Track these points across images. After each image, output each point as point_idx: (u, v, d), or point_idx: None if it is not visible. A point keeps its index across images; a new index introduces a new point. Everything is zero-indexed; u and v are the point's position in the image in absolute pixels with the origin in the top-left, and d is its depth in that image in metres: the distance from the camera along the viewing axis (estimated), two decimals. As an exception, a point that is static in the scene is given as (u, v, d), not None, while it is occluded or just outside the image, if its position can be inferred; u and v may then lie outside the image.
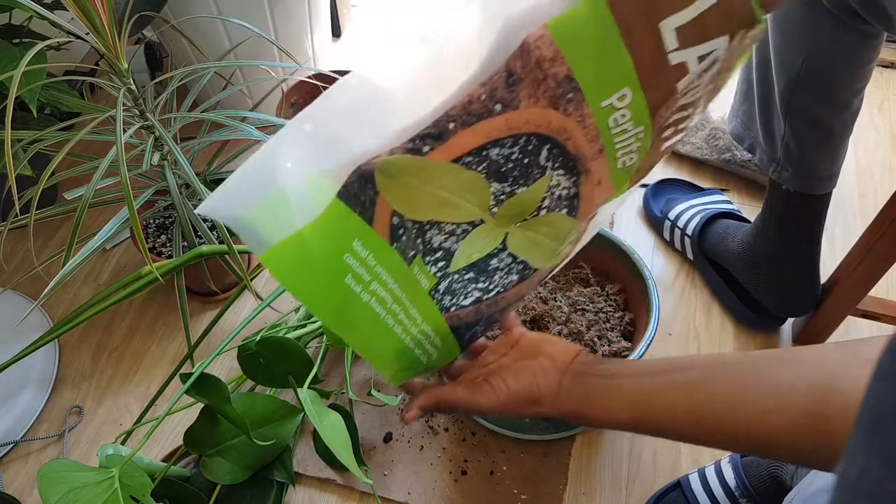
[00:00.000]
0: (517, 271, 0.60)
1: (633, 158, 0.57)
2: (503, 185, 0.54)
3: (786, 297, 0.96)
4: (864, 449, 0.23)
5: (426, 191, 0.51)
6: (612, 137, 0.54)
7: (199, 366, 0.75)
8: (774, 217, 0.93)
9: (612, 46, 0.49)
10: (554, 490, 0.89)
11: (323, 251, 0.47)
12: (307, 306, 0.52)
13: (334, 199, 0.46)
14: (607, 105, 0.52)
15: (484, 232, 0.56)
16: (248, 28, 0.94)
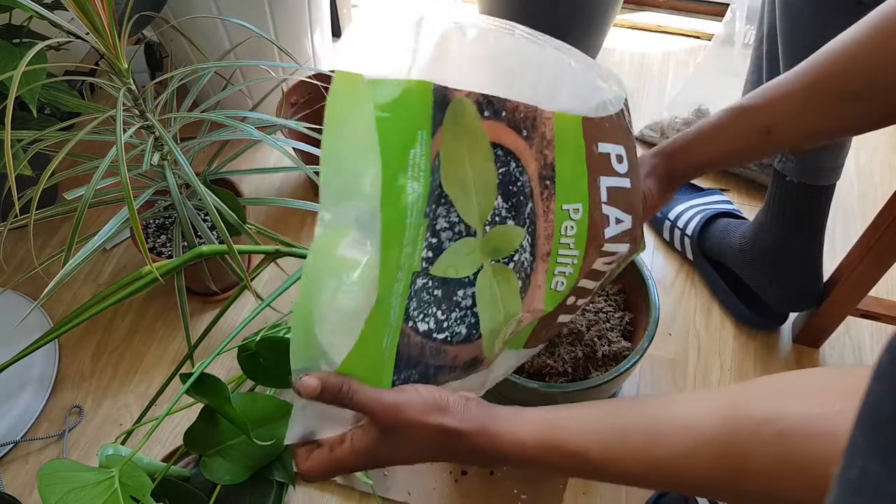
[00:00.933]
0: (467, 326, 0.58)
1: (563, 284, 0.63)
2: (504, 204, 0.57)
3: (788, 290, 0.96)
4: (864, 449, 0.23)
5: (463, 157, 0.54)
6: (559, 247, 0.62)
7: (199, 366, 0.75)
8: (777, 209, 0.93)
9: (580, 165, 0.62)
10: (554, 490, 0.89)
11: (407, 109, 0.50)
12: (328, 143, 0.54)
13: (433, 85, 0.50)
14: (567, 209, 0.62)
15: (469, 247, 0.56)
16: (248, 28, 0.94)
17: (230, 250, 0.81)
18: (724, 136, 0.69)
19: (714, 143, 0.70)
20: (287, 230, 1.18)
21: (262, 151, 1.29)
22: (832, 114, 0.63)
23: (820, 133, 0.67)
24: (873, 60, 0.59)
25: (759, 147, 0.68)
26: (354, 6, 1.56)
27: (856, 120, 0.64)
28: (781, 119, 0.65)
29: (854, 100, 0.61)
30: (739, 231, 1.00)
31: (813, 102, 0.64)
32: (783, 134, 0.66)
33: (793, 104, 0.64)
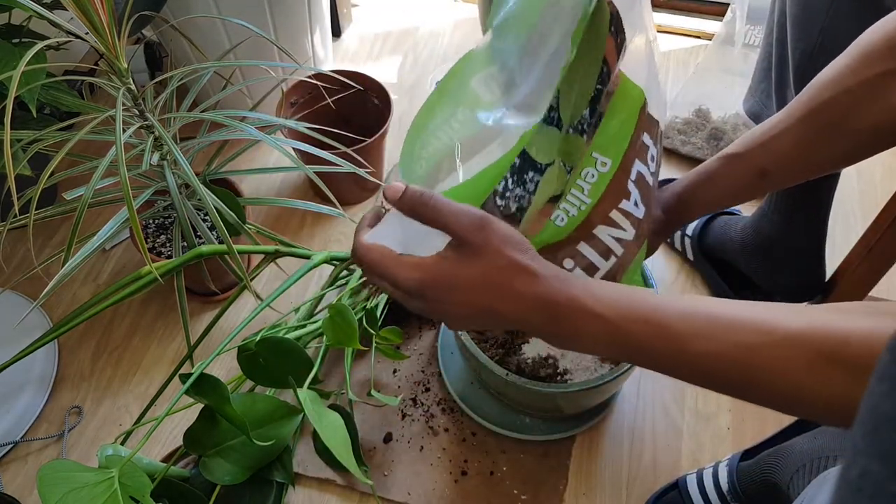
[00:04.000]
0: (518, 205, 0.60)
1: (563, 220, 0.64)
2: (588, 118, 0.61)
3: (792, 280, 0.96)
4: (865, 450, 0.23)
5: (584, 56, 0.57)
6: (573, 186, 0.64)
7: (198, 366, 0.75)
8: (781, 198, 0.93)
9: (627, 129, 0.63)
10: (554, 490, 0.89)
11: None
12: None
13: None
14: (596, 157, 0.63)
15: (554, 138, 0.60)
16: (247, 28, 0.94)
17: (230, 250, 0.81)
18: (722, 183, 0.72)
19: (712, 191, 0.74)
20: (287, 230, 1.18)
21: (262, 151, 1.29)
22: (825, 146, 0.66)
23: (815, 167, 0.69)
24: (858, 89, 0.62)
25: (757, 189, 0.72)
26: (354, 6, 1.56)
27: (849, 149, 0.66)
28: (776, 160, 0.68)
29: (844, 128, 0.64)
30: (740, 224, 1.00)
31: (807, 137, 0.66)
32: (779, 174, 0.69)
33: (787, 142, 0.67)
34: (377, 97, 1.17)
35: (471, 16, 1.53)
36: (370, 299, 0.97)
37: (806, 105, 0.65)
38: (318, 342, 0.96)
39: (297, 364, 0.80)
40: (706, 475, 0.84)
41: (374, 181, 1.08)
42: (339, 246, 1.16)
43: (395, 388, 0.98)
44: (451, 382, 0.96)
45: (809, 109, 0.65)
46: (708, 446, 0.93)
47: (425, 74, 1.42)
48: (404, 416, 0.95)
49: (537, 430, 0.92)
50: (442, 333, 1.02)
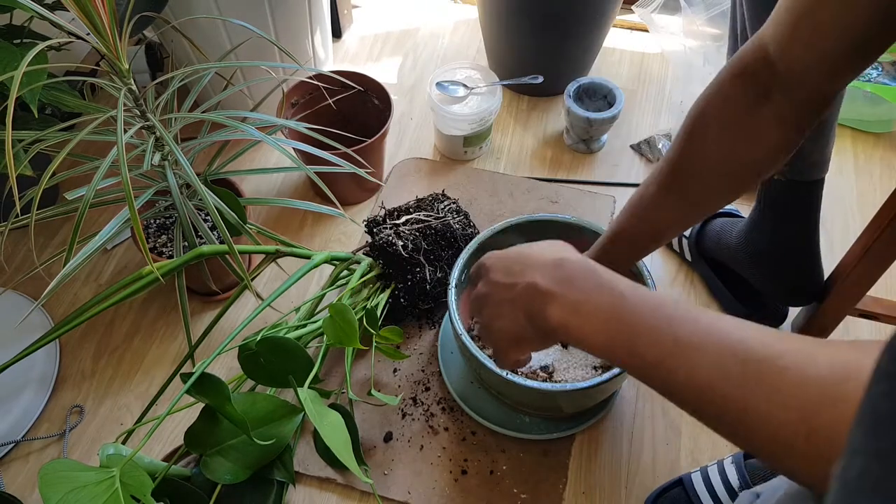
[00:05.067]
0: None
1: None
2: None
3: (789, 287, 0.96)
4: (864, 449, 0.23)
5: None
6: None
7: (199, 365, 0.75)
8: (769, 207, 0.93)
9: None
10: (554, 489, 0.89)
11: None
12: None
13: None
14: None
15: None
16: (248, 28, 0.94)
17: (231, 250, 0.81)
18: (619, 255, 0.79)
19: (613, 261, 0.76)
20: (287, 230, 1.18)
21: (263, 151, 1.29)
22: (683, 204, 0.72)
23: (682, 223, 0.75)
24: (695, 155, 0.68)
25: (655, 247, 0.80)
26: (355, 6, 1.56)
27: (702, 205, 0.73)
28: (662, 226, 0.75)
29: (693, 189, 0.70)
30: (735, 230, 1.01)
31: (669, 199, 0.72)
32: (670, 233, 0.76)
33: (664, 212, 0.73)
34: (377, 98, 1.18)
35: (471, 17, 1.53)
36: (370, 299, 0.97)
37: (662, 173, 0.71)
38: (319, 342, 0.96)
39: (298, 363, 0.80)
40: (712, 473, 0.84)
41: (374, 181, 1.09)
42: (340, 246, 1.16)
43: (395, 388, 0.98)
44: (451, 382, 0.96)
45: (665, 177, 0.71)
46: (707, 444, 0.93)
47: (425, 75, 1.42)
48: (404, 416, 0.96)
49: (537, 430, 0.92)
50: (442, 333, 1.02)
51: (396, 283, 0.99)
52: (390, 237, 0.97)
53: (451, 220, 1.01)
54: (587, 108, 1.23)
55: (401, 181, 1.23)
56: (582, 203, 1.19)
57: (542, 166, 1.26)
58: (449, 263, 1.00)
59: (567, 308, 0.54)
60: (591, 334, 0.52)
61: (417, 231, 0.99)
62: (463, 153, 1.25)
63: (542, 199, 1.20)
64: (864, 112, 1.25)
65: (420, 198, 1.07)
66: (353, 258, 1.00)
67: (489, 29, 1.32)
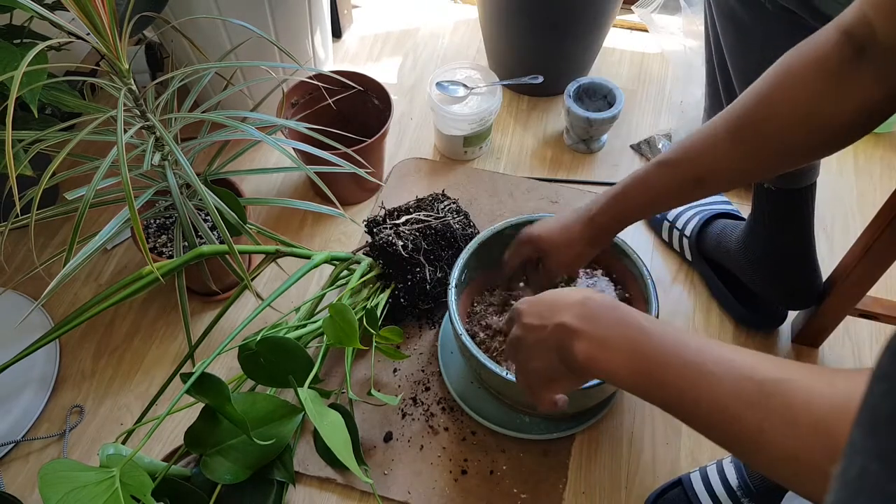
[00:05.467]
0: None
1: None
2: None
3: (788, 290, 0.96)
4: (863, 449, 0.23)
5: None
6: None
7: (199, 365, 0.75)
8: (762, 215, 0.93)
9: None
10: (554, 489, 0.89)
11: None
12: None
13: None
14: None
15: None
16: (248, 28, 0.94)
17: (231, 250, 0.81)
18: (657, 188, 0.75)
19: (646, 195, 0.76)
20: (287, 230, 1.18)
21: (263, 151, 1.29)
22: (757, 158, 0.69)
23: (749, 176, 0.73)
24: (786, 110, 0.65)
25: (693, 194, 0.75)
26: (355, 6, 1.56)
27: (781, 162, 0.69)
28: (711, 169, 0.71)
29: (772, 142, 0.66)
30: (735, 235, 1.01)
31: (739, 149, 0.68)
32: (715, 181, 0.72)
33: (720, 154, 0.69)
34: (377, 98, 1.18)
35: (471, 17, 1.53)
36: (370, 299, 0.97)
37: (735, 122, 0.68)
38: (319, 342, 0.96)
39: (298, 363, 0.80)
40: (711, 473, 0.84)
41: (374, 181, 1.09)
42: (340, 246, 1.16)
43: (395, 388, 0.98)
44: (451, 382, 0.97)
45: (738, 127, 0.68)
46: (707, 445, 0.93)
47: (425, 75, 1.42)
48: (404, 416, 0.96)
49: (537, 430, 0.92)
50: (442, 333, 1.02)
51: (396, 283, 0.99)
52: (390, 237, 0.97)
53: (451, 220, 1.01)
54: (587, 108, 1.23)
55: (401, 181, 1.23)
56: (582, 203, 1.18)
57: (542, 166, 1.26)
58: (449, 263, 1.00)
59: (593, 344, 0.56)
60: (618, 368, 0.55)
61: (417, 231, 0.99)
62: (463, 153, 1.25)
63: (542, 199, 1.20)
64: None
65: (420, 198, 1.07)
66: (353, 258, 1.00)
67: (489, 29, 1.32)
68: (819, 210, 1.00)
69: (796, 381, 0.45)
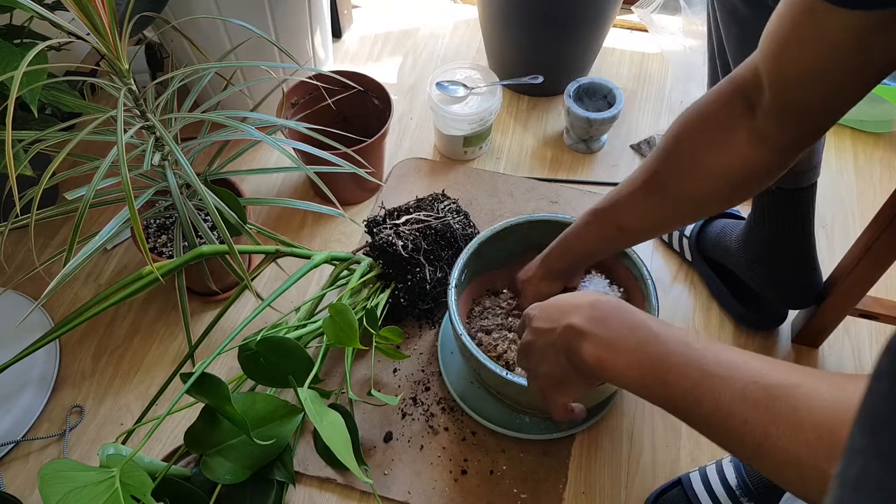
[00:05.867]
0: None
1: None
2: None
3: (787, 290, 0.96)
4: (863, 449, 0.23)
5: None
6: None
7: (199, 365, 0.75)
8: (762, 215, 0.93)
9: None
10: (554, 489, 0.89)
11: None
12: None
13: None
14: None
15: None
16: (248, 28, 0.94)
17: (231, 250, 0.81)
18: (587, 237, 0.81)
19: (580, 244, 0.81)
20: (287, 230, 1.18)
21: (263, 151, 1.29)
22: (667, 208, 0.72)
23: (667, 225, 0.77)
24: (679, 160, 0.69)
25: (618, 242, 0.80)
26: (355, 6, 1.56)
27: (689, 210, 0.73)
28: (631, 219, 0.75)
29: (678, 193, 0.70)
30: (734, 234, 1.01)
31: (651, 201, 0.72)
32: (635, 230, 0.76)
33: (637, 205, 0.74)
34: (377, 98, 1.18)
35: (471, 17, 1.53)
36: (370, 299, 0.97)
37: (646, 175, 0.72)
38: (319, 342, 0.96)
39: (298, 363, 0.80)
40: (710, 472, 0.84)
41: (374, 181, 1.09)
42: (340, 246, 1.16)
43: (395, 388, 0.98)
44: (451, 382, 0.96)
45: (648, 179, 0.72)
46: (706, 445, 0.93)
47: (425, 75, 1.42)
48: (404, 416, 0.96)
49: (537, 430, 0.92)
50: (442, 333, 1.02)
51: (396, 283, 0.99)
52: (390, 237, 0.97)
53: (451, 220, 1.01)
54: (587, 108, 1.23)
55: (401, 181, 1.23)
56: (582, 203, 1.19)
57: (542, 166, 1.26)
58: (449, 263, 1.00)
59: (601, 346, 0.57)
60: (625, 370, 0.55)
61: (417, 231, 0.99)
62: (463, 153, 1.25)
63: (542, 199, 1.20)
64: (864, 112, 1.25)
65: (420, 198, 1.07)
66: (353, 258, 1.00)
67: (489, 29, 1.32)
68: (819, 210, 1.00)
69: (803, 385, 0.45)
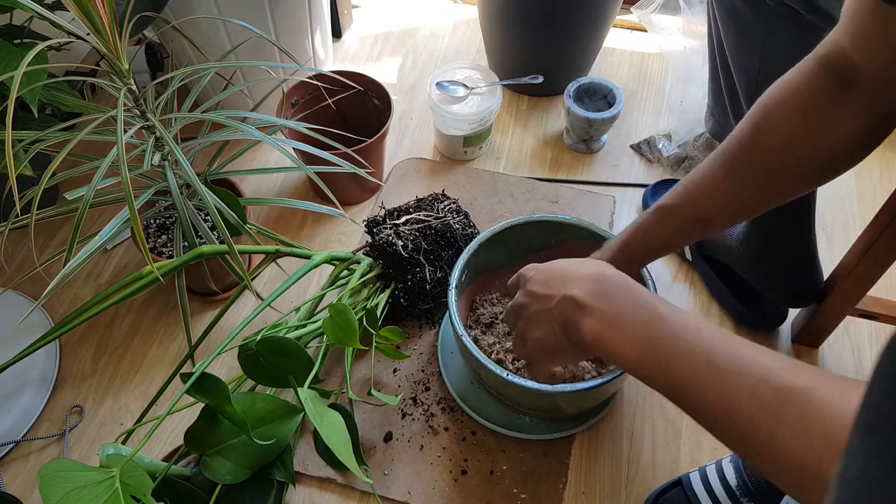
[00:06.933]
0: None
1: None
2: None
3: (788, 288, 0.96)
4: (864, 449, 0.23)
5: None
6: None
7: (199, 365, 0.75)
8: (763, 214, 0.93)
9: None
10: (554, 489, 0.89)
11: None
12: None
13: None
14: None
15: None
16: (248, 28, 0.94)
17: (231, 250, 0.81)
18: (659, 235, 0.75)
19: (650, 242, 0.76)
20: (287, 230, 1.18)
21: (263, 151, 1.29)
22: (756, 193, 0.69)
23: (752, 210, 0.73)
24: (763, 146, 0.66)
25: (699, 235, 0.75)
26: (355, 6, 1.56)
27: (779, 194, 0.70)
28: (714, 208, 0.71)
29: (767, 177, 0.67)
30: (735, 233, 1.01)
31: (737, 187, 0.69)
32: (719, 220, 0.72)
33: (720, 193, 0.70)
34: (377, 98, 1.18)
35: (471, 17, 1.53)
36: (370, 299, 0.97)
37: (730, 161, 0.68)
38: (319, 342, 0.96)
39: (298, 363, 0.80)
40: (710, 472, 0.84)
41: (374, 181, 1.09)
42: (340, 246, 1.16)
43: (395, 388, 0.98)
44: (451, 382, 0.96)
45: (733, 165, 0.68)
46: (706, 445, 0.93)
47: (425, 75, 1.42)
48: (404, 416, 0.96)
49: (537, 430, 0.92)
50: (442, 333, 1.02)
51: (396, 283, 0.99)
52: (390, 237, 0.97)
53: (451, 220, 1.01)
54: (587, 108, 1.23)
55: (401, 181, 1.23)
56: (582, 203, 1.19)
57: (542, 166, 1.26)
58: (449, 263, 1.00)
59: (603, 321, 0.55)
60: (625, 349, 0.53)
61: (417, 231, 0.99)
62: (463, 153, 1.25)
63: (542, 199, 1.20)
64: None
65: (420, 198, 1.07)
66: (353, 258, 1.00)
67: (489, 29, 1.32)
68: (819, 210, 1.00)
69: (814, 390, 0.43)
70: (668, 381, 0.51)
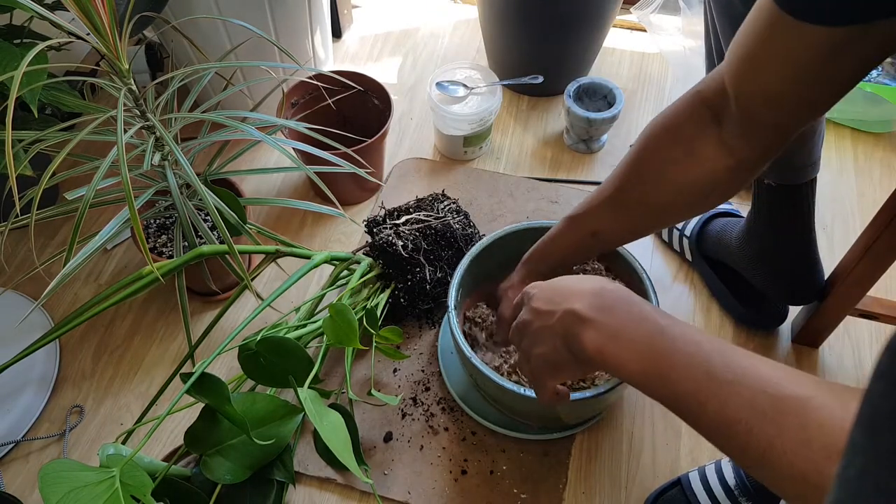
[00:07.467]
0: None
1: None
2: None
3: (789, 287, 0.96)
4: (863, 448, 0.23)
5: None
6: None
7: (199, 365, 0.75)
8: (762, 212, 0.94)
9: None
10: (554, 489, 0.89)
11: None
12: None
13: None
14: None
15: None
16: (248, 28, 0.94)
17: (231, 250, 0.81)
18: (564, 243, 0.80)
19: (556, 249, 0.81)
20: (287, 230, 1.18)
21: (263, 152, 1.29)
22: (633, 217, 0.73)
23: (639, 231, 0.77)
24: (643, 172, 0.70)
25: (593, 247, 0.80)
26: (355, 6, 1.56)
27: (654, 219, 0.74)
28: (604, 223, 0.76)
29: (642, 204, 0.71)
30: (735, 232, 1.01)
31: (618, 210, 0.73)
32: (608, 234, 0.77)
33: (605, 213, 0.74)
34: (377, 98, 1.18)
35: (471, 17, 1.53)
36: (370, 299, 0.97)
37: (615, 184, 0.73)
38: (319, 342, 0.96)
39: (298, 363, 0.80)
40: (709, 473, 0.84)
41: (374, 181, 1.09)
42: (340, 246, 1.16)
43: (395, 388, 0.98)
44: (451, 382, 0.96)
45: (616, 188, 0.72)
46: (706, 445, 0.93)
47: (425, 75, 1.42)
48: (404, 416, 0.96)
49: (537, 430, 0.92)
50: (442, 333, 1.02)
51: (396, 283, 0.99)
52: (390, 237, 0.97)
53: (451, 220, 1.01)
54: (587, 108, 1.23)
55: (401, 181, 1.23)
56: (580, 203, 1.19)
57: (542, 166, 1.26)
58: (449, 263, 1.00)
59: (604, 335, 0.56)
60: (626, 361, 0.54)
61: (417, 231, 0.99)
62: (463, 153, 1.25)
63: (542, 199, 1.20)
64: (864, 112, 1.25)
65: (420, 198, 1.07)
66: (353, 258, 1.00)
67: (489, 29, 1.32)
68: (819, 210, 1.00)
69: (814, 400, 0.43)
70: (669, 392, 0.52)
